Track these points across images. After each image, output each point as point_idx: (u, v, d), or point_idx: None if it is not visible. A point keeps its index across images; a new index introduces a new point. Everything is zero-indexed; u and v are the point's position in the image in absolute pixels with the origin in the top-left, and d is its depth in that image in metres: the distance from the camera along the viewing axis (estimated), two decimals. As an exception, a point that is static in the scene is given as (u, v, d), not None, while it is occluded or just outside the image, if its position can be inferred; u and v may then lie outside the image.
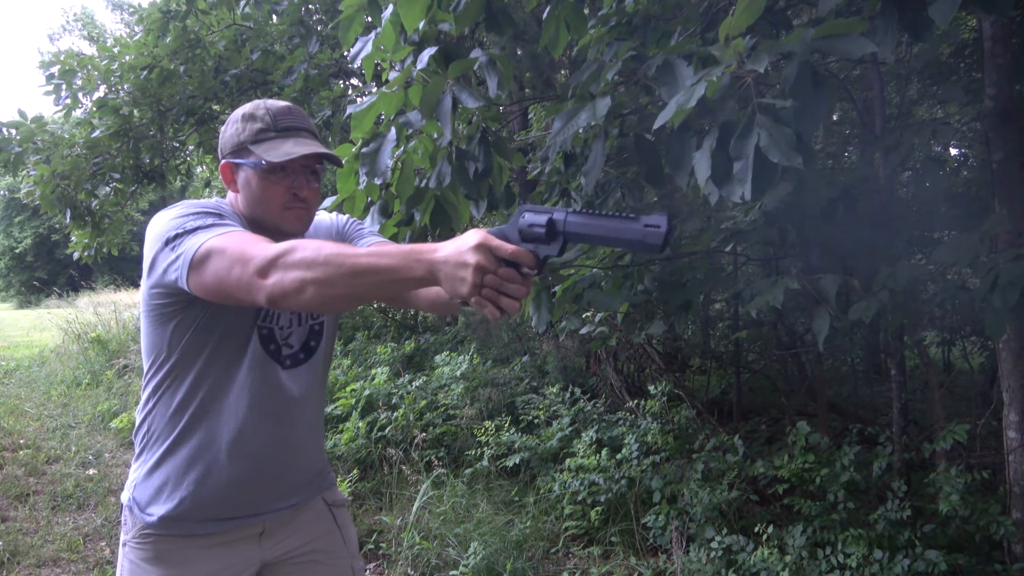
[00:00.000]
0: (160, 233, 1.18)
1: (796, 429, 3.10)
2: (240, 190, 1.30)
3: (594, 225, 0.97)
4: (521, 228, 1.02)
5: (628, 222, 0.94)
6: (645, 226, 0.93)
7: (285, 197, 1.28)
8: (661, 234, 0.92)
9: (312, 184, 1.31)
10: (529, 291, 1.01)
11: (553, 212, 1.01)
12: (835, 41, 1.41)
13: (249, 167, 1.27)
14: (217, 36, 5.86)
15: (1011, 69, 2.53)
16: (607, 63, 1.98)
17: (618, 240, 0.96)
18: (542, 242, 1.00)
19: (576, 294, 2.70)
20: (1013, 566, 2.50)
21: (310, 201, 1.31)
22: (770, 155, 1.34)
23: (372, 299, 1.03)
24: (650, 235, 0.93)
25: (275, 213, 1.28)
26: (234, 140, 1.29)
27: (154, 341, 1.29)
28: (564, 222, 0.99)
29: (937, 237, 4.42)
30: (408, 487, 3.86)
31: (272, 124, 1.27)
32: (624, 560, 3.13)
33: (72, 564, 3.35)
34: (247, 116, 1.29)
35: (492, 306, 0.98)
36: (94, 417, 6.03)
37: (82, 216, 6.04)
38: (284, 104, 1.31)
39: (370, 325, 7.68)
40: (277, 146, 1.25)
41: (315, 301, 1.01)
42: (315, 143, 1.29)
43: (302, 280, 1.00)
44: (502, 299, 0.98)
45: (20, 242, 28.83)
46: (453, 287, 0.98)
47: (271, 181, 1.26)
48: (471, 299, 0.98)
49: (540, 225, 1.00)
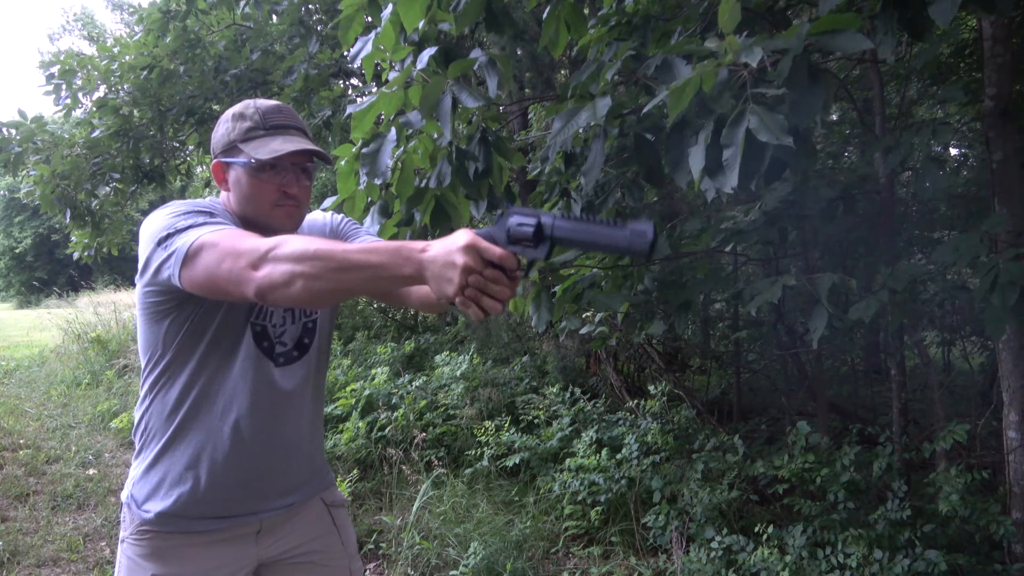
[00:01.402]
0: (153, 233, 1.19)
1: (796, 429, 3.10)
2: (231, 189, 1.31)
3: (581, 230, 0.98)
4: (509, 230, 1.02)
5: (615, 228, 0.95)
6: (631, 232, 0.94)
7: (275, 195, 1.28)
8: (647, 241, 0.92)
9: (302, 182, 1.31)
10: (514, 294, 1.01)
11: (541, 215, 1.01)
12: (832, 37, 1.41)
13: (239, 166, 1.28)
14: (217, 36, 5.86)
15: (1011, 69, 2.53)
16: (607, 63, 1.98)
17: (605, 246, 0.96)
18: (529, 245, 1.01)
19: (576, 294, 2.70)
20: (1013, 566, 2.50)
21: (300, 199, 1.31)
22: (759, 135, 1.34)
23: (360, 294, 1.05)
24: (636, 242, 0.93)
25: (265, 211, 1.29)
26: (224, 139, 1.30)
27: (149, 340, 1.30)
28: (552, 226, 1.00)
29: (937, 237, 4.43)
30: (408, 487, 3.86)
31: (261, 122, 1.28)
32: (624, 560, 3.13)
33: (72, 564, 3.35)
34: (237, 115, 1.30)
35: (475, 306, 0.99)
36: (94, 417, 6.03)
37: (82, 216, 6.05)
38: (274, 103, 1.32)
39: (370, 325, 7.69)
40: (266, 144, 1.26)
41: (303, 294, 1.02)
42: (304, 140, 1.29)
43: (291, 273, 1.02)
44: (484, 300, 0.98)
45: (20, 242, 28.83)
46: (439, 286, 0.99)
47: (261, 179, 1.27)
48: (455, 299, 0.99)
49: (528, 228, 1.00)
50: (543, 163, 2.62)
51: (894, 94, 4.00)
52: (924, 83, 4.16)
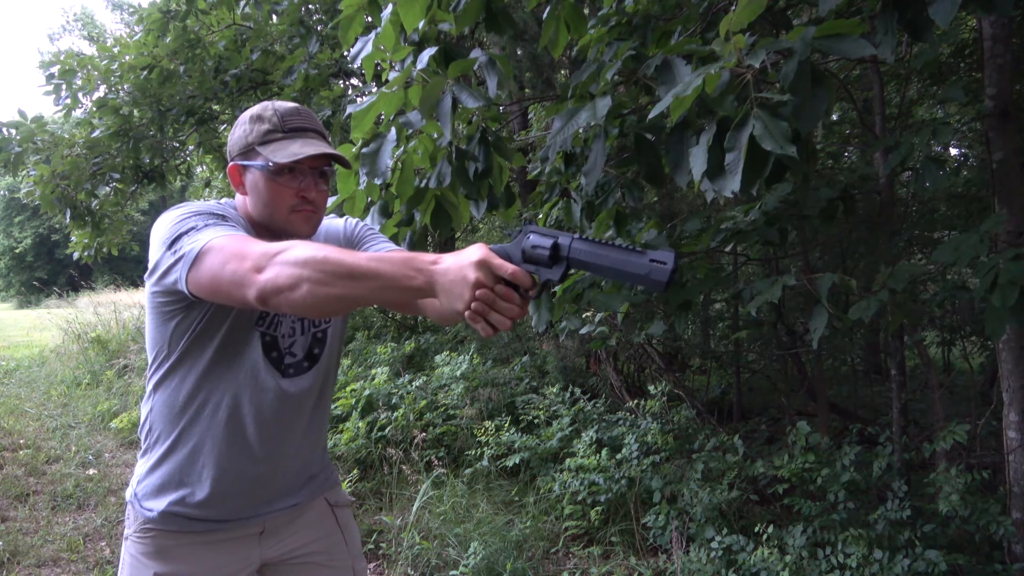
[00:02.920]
0: (162, 236, 1.18)
1: (796, 429, 3.10)
2: (248, 192, 1.29)
3: (599, 255, 0.96)
4: (524, 249, 1.00)
5: (634, 255, 0.93)
6: (651, 261, 0.91)
7: (293, 199, 1.26)
8: (667, 271, 0.90)
9: (320, 186, 1.29)
10: (524, 312, 0.99)
11: (559, 236, 0.99)
12: (835, 41, 1.41)
13: (257, 169, 1.26)
14: (217, 36, 5.86)
15: (1011, 69, 2.53)
16: (607, 63, 1.98)
17: (622, 273, 0.94)
18: (544, 265, 0.99)
19: (576, 294, 2.70)
20: (1013, 566, 2.50)
21: (318, 203, 1.29)
22: (764, 144, 1.34)
23: (368, 303, 1.03)
24: (655, 271, 0.91)
25: (283, 215, 1.27)
26: (242, 142, 1.28)
27: (156, 338, 1.30)
28: (569, 248, 0.98)
29: (937, 237, 4.43)
30: (408, 487, 3.86)
31: (280, 125, 1.26)
32: (624, 560, 3.13)
33: (72, 564, 3.35)
34: (255, 118, 1.28)
35: (484, 322, 0.97)
36: (94, 417, 6.03)
37: (82, 216, 6.05)
38: (292, 105, 1.30)
39: (370, 325, 7.69)
40: (284, 147, 1.24)
41: (308, 300, 1.00)
42: (323, 144, 1.28)
43: (297, 277, 0.99)
44: (492, 315, 0.97)
45: (20, 242, 28.85)
46: (450, 300, 0.97)
47: (279, 183, 1.25)
48: (465, 314, 0.97)
49: (544, 248, 0.98)
50: (543, 163, 2.62)
51: (894, 94, 4.00)
52: (924, 83, 4.16)
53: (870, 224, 3.08)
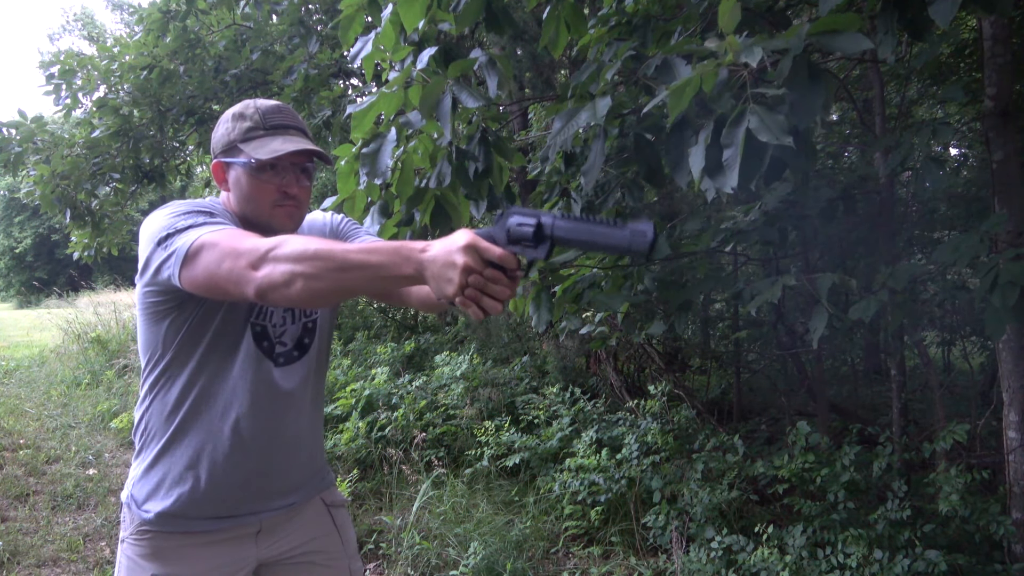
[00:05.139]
0: (153, 233, 1.19)
1: (796, 429, 3.10)
2: (231, 189, 1.31)
3: (581, 230, 0.98)
4: (508, 230, 1.02)
5: (614, 228, 0.95)
6: (631, 232, 0.94)
7: (275, 195, 1.28)
8: (647, 241, 0.92)
9: (302, 182, 1.31)
10: (514, 293, 1.01)
11: (541, 215, 1.01)
12: (832, 38, 1.41)
13: (239, 166, 1.28)
14: (217, 36, 5.86)
15: (1011, 69, 2.53)
16: (607, 63, 1.98)
17: (605, 246, 0.97)
18: (529, 245, 1.01)
19: (576, 294, 2.70)
20: (1013, 566, 2.50)
21: (300, 199, 1.32)
22: (760, 135, 1.34)
23: (360, 294, 1.06)
24: (636, 242, 0.93)
25: (265, 211, 1.29)
26: (224, 139, 1.30)
27: (149, 339, 1.30)
28: (551, 226, 1.00)
29: (937, 237, 4.43)
30: (408, 487, 3.86)
31: (261, 122, 1.28)
32: (624, 560, 3.12)
33: (72, 564, 3.35)
34: (237, 115, 1.30)
35: (475, 306, 0.99)
36: (94, 417, 6.03)
37: (82, 216, 6.04)
38: (274, 103, 1.32)
39: (370, 325, 7.69)
40: (266, 144, 1.26)
41: (303, 294, 1.03)
42: (304, 140, 1.29)
43: (291, 273, 1.02)
44: (484, 299, 0.99)
45: (20, 242, 28.84)
46: (439, 286, 0.99)
47: (261, 179, 1.27)
48: (455, 299, 0.99)
49: (528, 227, 1.00)
50: (543, 163, 2.62)
51: (894, 94, 4.00)
52: (924, 83, 4.16)
53: (870, 224, 3.08)
